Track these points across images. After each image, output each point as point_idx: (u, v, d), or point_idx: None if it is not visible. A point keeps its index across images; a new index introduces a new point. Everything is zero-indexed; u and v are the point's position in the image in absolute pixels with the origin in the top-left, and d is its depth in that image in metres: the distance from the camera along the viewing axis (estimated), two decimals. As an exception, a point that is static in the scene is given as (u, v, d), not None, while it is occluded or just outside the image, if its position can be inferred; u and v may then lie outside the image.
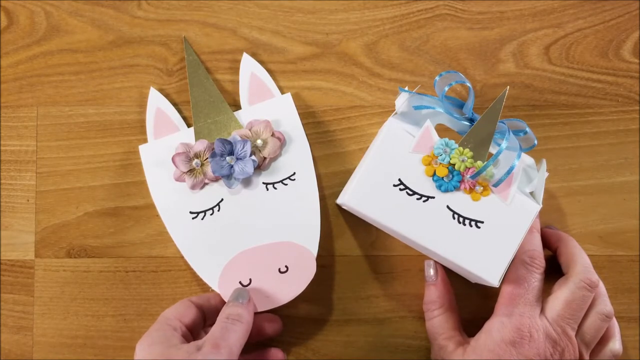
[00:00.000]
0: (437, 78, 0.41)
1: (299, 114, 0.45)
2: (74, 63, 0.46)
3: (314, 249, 0.42)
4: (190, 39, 0.46)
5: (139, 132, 0.46)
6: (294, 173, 0.43)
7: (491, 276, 0.39)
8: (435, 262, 0.44)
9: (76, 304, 0.45)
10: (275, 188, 0.43)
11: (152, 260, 0.45)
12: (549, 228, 0.45)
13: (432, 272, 0.43)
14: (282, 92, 0.45)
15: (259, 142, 0.43)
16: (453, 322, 0.42)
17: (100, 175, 0.46)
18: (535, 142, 0.42)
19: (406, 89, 0.42)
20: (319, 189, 0.43)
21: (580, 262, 0.41)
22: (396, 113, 0.42)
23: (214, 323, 0.40)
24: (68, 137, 0.46)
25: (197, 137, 0.44)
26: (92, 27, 0.46)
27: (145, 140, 0.45)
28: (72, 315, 0.45)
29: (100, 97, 0.46)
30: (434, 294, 0.43)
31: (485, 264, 0.39)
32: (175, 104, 0.45)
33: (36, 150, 0.46)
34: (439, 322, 0.42)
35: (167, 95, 0.45)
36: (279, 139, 0.43)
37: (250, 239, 0.43)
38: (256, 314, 0.42)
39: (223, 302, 0.42)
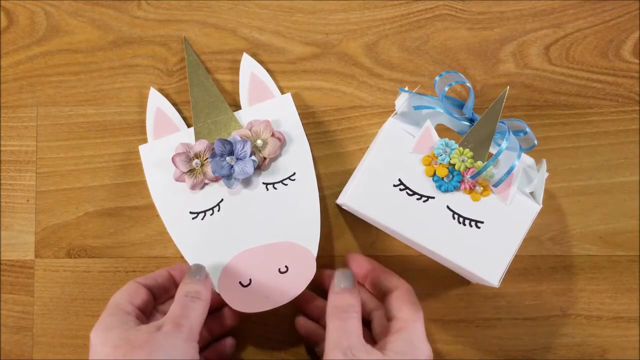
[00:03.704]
0: (437, 78, 0.41)
1: (299, 114, 0.45)
2: (74, 63, 0.46)
3: (314, 249, 0.42)
4: (190, 39, 0.46)
5: (139, 132, 0.46)
6: (294, 173, 0.43)
7: (491, 276, 0.39)
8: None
9: (76, 304, 0.45)
10: (275, 188, 0.43)
11: (152, 260, 0.45)
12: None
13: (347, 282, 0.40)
14: (282, 92, 0.45)
15: (259, 142, 0.43)
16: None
17: (100, 175, 0.46)
18: (535, 142, 0.42)
19: (406, 89, 0.42)
20: (319, 189, 0.43)
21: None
22: (396, 113, 0.41)
23: (164, 302, 0.40)
24: (68, 137, 0.46)
25: (197, 137, 0.43)
26: (92, 27, 0.46)
27: (145, 140, 0.45)
28: (72, 315, 0.45)
29: (100, 97, 0.46)
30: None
31: (485, 264, 0.39)
32: (175, 104, 0.45)
33: (36, 150, 0.46)
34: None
35: (167, 95, 0.45)
36: (279, 139, 0.43)
37: (250, 239, 0.43)
38: (211, 309, 0.40)
39: (171, 281, 0.42)
